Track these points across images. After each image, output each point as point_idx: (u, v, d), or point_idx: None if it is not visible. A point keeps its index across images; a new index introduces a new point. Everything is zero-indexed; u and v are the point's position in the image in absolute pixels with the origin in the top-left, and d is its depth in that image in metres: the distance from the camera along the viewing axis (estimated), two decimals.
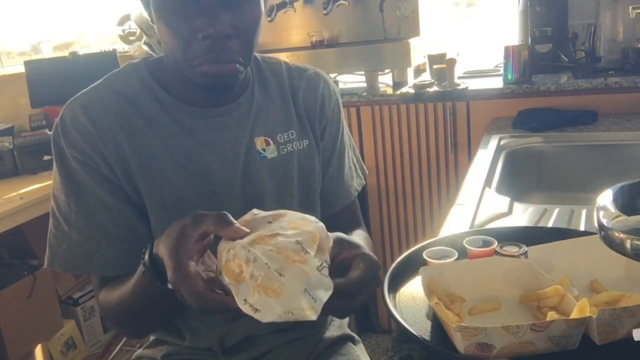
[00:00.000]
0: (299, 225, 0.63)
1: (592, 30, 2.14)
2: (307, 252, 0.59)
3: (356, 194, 1.03)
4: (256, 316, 0.56)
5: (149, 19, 0.83)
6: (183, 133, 0.84)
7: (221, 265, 0.60)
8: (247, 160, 0.88)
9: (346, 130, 1.02)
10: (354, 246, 0.66)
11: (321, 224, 0.64)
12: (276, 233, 0.61)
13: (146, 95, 0.85)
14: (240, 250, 0.59)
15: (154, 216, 0.84)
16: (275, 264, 0.58)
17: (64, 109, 0.84)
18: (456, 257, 0.82)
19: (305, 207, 0.94)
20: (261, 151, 0.89)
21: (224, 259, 0.60)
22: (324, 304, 0.58)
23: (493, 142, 1.65)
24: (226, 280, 0.59)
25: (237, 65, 0.79)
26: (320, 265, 0.59)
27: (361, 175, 1.05)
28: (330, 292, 0.59)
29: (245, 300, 0.57)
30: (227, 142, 0.86)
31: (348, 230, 0.95)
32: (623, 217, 0.55)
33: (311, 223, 0.63)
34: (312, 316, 0.57)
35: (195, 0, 0.73)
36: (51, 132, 0.84)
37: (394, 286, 0.81)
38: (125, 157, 0.82)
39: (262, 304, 0.56)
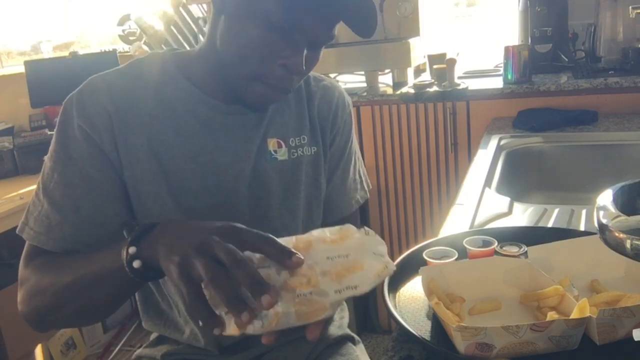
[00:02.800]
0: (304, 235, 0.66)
1: (592, 30, 2.14)
2: (345, 228, 0.64)
3: (357, 206, 1.03)
4: (358, 292, 0.60)
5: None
6: (198, 125, 0.85)
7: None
8: (257, 160, 0.88)
9: (355, 143, 1.03)
10: None
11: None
12: (305, 239, 0.63)
13: (168, 84, 0.85)
14: None
15: (159, 202, 0.84)
16: (335, 252, 0.61)
17: (85, 83, 0.84)
18: (456, 257, 0.82)
19: (308, 213, 0.95)
20: (272, 152, 0.89)
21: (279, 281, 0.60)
22: None
23: (493, 142, 1.65)
24: (303, 292, 0.59)
25: (286, 95, 0.83)
26: (363, 230, 0.64)
27: (366, 188, 1.05)
28: (383, 242, 0.64)
29: (336, 291, 0.59)
30: (240, 139, 0.87)
31: None
32: (623, 217, 0.55)
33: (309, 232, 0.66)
34: (393, 267, 0.63)
35: (291, 34, 0.75)
36: (64, 102, 0.83)
37: (394, 286, 0.81)
38: (135, 140, 0.82)
39: (355, 280, 0.60)
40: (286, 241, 0.63)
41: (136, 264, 0.66)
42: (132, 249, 0.66)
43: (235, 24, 0.77)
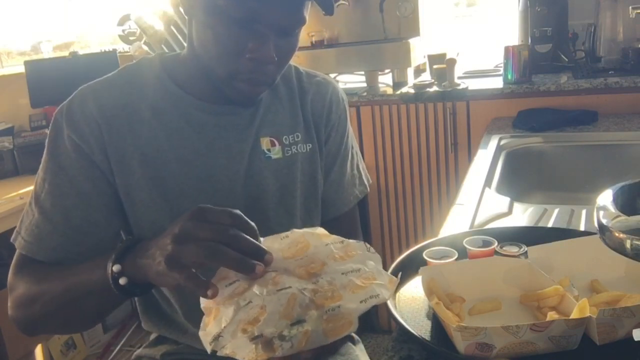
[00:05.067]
0: (302, 235, 0.67)
1: (592, 30, 2.14)
2: (347, 244, 0.66)
3: (356, 201, 1.03)
4: (380, 300, 0.62)
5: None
6: (191, 128, 0.85)
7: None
8: (251, 160, 0.88)
9: (351, 137, 1.02)
10: None
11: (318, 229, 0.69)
12: (318, 259, 0.64)
13: (158, 89, 0.85)
14: (311, 285, 0.61)
15: (153, 208, 0.84)
16: (348, 268, 0.63)
17: (76, 93, 0.84)
18: (456, 257, 0.82)
19: (306, 211, 0.95)
20: (266, 151, 0.89)
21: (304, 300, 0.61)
22: None
23: (493, 142, 1.65)
24: (331, 306, 0.60)
25: (267, 87, 0.83)
26: (363, 245, 0.66)
27: (365, 183, 1.04)
28: (380, 258, 0.67)
29: (362, 301, 0.61)
30: (233, 140, 0.87)
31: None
32: (623, 217, 0.55)
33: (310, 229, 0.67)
34: (396, 279, 0.66)
35: (254, 23, 0.74)
36: (55, 112, 0.84)
37: None
38: (126, 148, 0.82)
39: (374, 290, 0.62)
40: (300, 265, 0.63)
41: (122, 281, 0.68)
42: (116, 267, 0.68)
43: (202, 26, 0.77)
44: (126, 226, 0.87)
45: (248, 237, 0.61)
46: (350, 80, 2.52)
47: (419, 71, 2.55)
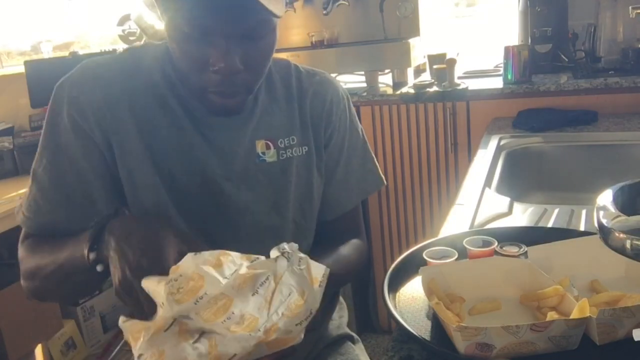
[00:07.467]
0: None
1: (592, 30, 2.14)
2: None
3: (366, 197, 1.01)
4: (314, 311, 0.68)
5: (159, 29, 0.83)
6: (190, 123, 0.84)
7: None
8: (245, 162, 0.87)
9: (356, 135, 0.99)
10: None
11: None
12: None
13: (160, 77, 0.84)
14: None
15: (154, 192, 0.83)
16: (277, 301, 0.66)
17: (78, 68, 0.83)
18: (456, 257, 0.82)
19: (300, 213, 0.93)
20: (261, 154, 0.88)
21: None
22: None
23: (493, 142, 1.65)
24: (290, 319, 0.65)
25: (244, 96, 0.81)
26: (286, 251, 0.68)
27: (381, 176, 1.03)
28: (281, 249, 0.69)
29: (297, 324, 0.66)
30: (227, 141, 0.86)
31: (345, 239, 0.95)
32: (623, 217, 0.55)
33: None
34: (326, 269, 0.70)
35: (208, 36, 0.73)
36: (55, 86, 0.84)
37: (394, 286, 0.81)
38: (129, 132, 0.81)
39: (304, 312, 0.67)
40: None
41: (99, 268, 0.72)
42: (92, 255, 0.72)
43: (171, 41, 0.78)
44: (127, 208, 0.87)
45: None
46: (350, 80, 2.52)
47: (419, 71, 2.55)
